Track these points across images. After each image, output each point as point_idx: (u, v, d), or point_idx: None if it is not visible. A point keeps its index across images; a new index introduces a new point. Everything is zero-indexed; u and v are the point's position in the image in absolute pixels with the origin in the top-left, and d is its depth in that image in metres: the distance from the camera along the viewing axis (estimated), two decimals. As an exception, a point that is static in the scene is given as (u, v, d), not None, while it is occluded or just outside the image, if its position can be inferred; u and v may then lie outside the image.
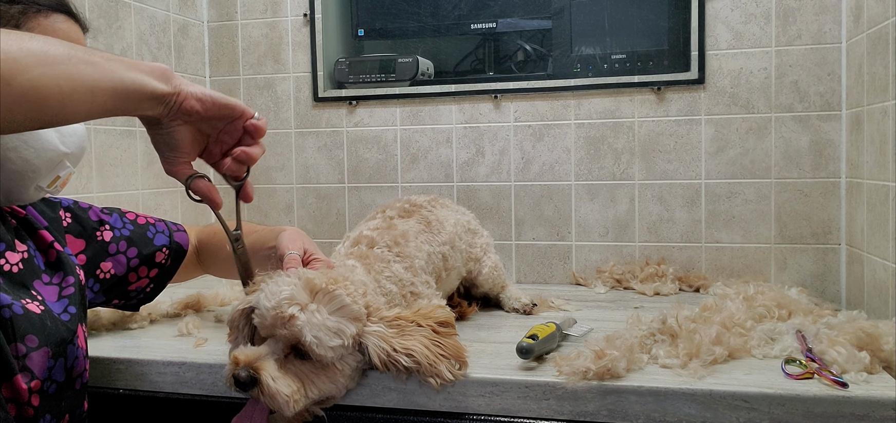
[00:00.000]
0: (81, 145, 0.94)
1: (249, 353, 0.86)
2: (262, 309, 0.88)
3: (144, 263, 1.13)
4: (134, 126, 1.59)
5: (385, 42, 1.87)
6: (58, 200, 1.05)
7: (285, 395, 0.84)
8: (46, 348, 0.84)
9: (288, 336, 0.86)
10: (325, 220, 1.81)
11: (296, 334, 0.85)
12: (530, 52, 1.75)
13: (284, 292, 0.87)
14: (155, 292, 1.19)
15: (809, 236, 1.52)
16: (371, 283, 0.98)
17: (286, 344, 0.87)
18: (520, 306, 1.31)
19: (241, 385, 0.84)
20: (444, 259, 1.17)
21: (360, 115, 1.76)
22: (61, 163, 0.90)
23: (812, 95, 1.50)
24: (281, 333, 0.87)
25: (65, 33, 0.89)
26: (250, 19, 1.82)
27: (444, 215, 1.24)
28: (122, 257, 1.10)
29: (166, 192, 1.70)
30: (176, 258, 1.19)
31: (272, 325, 0.87)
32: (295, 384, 0.86)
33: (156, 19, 1.66)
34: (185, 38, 1.77)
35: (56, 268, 0.94)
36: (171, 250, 1.17)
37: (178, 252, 1.19)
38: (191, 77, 1.80)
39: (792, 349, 0.99)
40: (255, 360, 0.85)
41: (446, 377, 0.89)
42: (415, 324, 0.92)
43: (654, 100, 1.59)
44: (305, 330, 0.85)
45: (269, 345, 0.88)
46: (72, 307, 0.91)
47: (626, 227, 1.62)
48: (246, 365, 0.84)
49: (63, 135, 0.89)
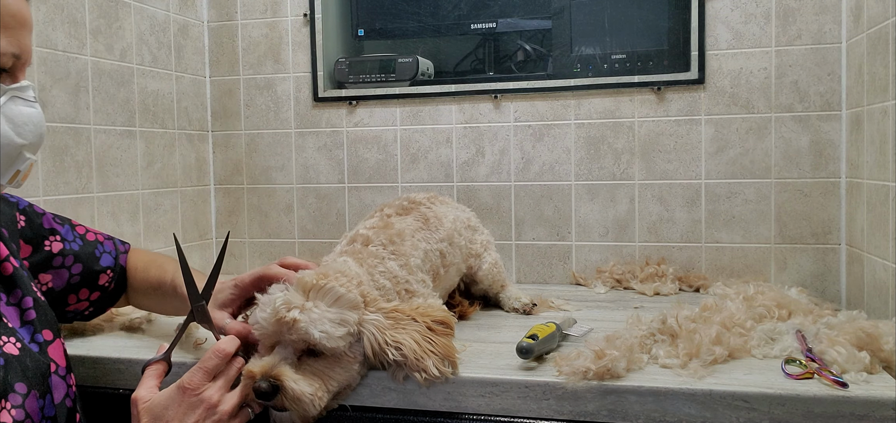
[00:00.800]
0: (39, 133, 0.86)
1: (264, 364, 0.86)
2: (262, 321, 0.88)
3: (86, 283, 1.07)
4: (134, 126, 1.59)
5: (385, 42, 1.87)
6: (15, 200, 1.01)
7: (309, 394, 0.85)
8: (34, 390, 0.81)
9: (296, 340, 0.87)
10: (325, 220, 1.81)
11: (303, 335, 0.86)
12: (530, 52, 1.75)
13: (278, 299, 0.87)
14: (93, 315, 1.12)
15: (809, 236, 1.52)
16: (364, 275, 0.99)
17: (295, 348, 0.87)
18: (520, 306, 1.31)
19: (263, 396, 0.84)
20: (442, 256, 1.18)
21: (360, 115, 1.77)
22: (20, 156, 0.84)
23: (812, 95, 1.50)
24: (288, 338, 0.87)
25: (14, 6, 0.80)
26: (250, 19, 1.82)
27: (442, 212, 1.24)
28: (64, 272, 1.04)
29: (166, 192, 1.70)
30: (120, 283, 1.11)
31: (276, 333, 0.87)
32: (315, 382, 0.86)
33: (156, 19, 1.66)
34: (185, 38, 1.77)
35: (11, 286, 0.88)
36: (115, 272, 1.10)
37: (121, 276, 1.11)
38: (191, 77, 1.80)
39: (792, 349, 0.99)
40: (271, 368, 0.85)
41: (432, 372, 0.89)
42: (411, 319, 0.92)
43: (654, 100, 1.59)
44: (311, 329, 0.85)
45: (279, 352, 0.88)
46: (39, 335, 0.88)
47: (626, 227, 1.62)
48: (265, 375, 0.84)
49: (17, 126, 0.82)
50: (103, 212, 1.49)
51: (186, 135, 1.78)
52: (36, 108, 0.85)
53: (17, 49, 0.81)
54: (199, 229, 1.83)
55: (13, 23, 0.80)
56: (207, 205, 1.87)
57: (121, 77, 1.55)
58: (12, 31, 0.80)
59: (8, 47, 0.79)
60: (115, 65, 1.53)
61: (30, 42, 0.84)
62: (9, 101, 0.81)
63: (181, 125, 1.76)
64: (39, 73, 1.33)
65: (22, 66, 0.83)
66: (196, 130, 1.82)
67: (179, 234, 1.73)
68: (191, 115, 1.80)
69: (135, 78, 1.59)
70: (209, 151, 1.88)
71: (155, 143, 1.66)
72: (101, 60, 1.49)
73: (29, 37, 0.83)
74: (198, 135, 1.83)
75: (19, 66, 0.82)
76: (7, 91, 0.81)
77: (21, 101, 0.83)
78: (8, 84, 0.81)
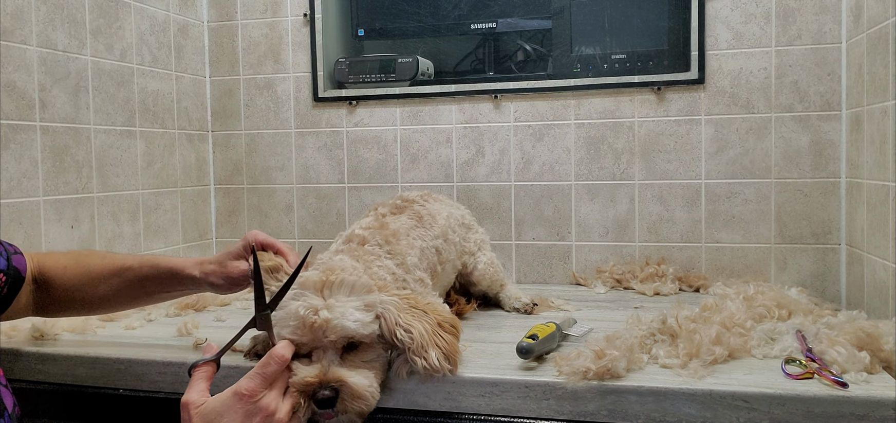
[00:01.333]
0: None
1: (318, 370, 0.85)
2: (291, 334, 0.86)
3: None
4: (134, 126, 1.59)
5: (385, 42, 1.87)
6: None
7: (368, 387, 0.85)
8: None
9: (334, 340, 0.86)
10: (325, 220, 1.81)
11: (339, 332, 0.85)
12: (530, 52, 1.75)
13: (299, 307, 0.86)
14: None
15: (809, 236, 1.52)
16: (361, 267, 0.99)
17: (335, 348, 0.87)
18: (520, 306, 1.31)
19: (325, 403, 0.83)
20: (438, 253, 1.18)
21: (360, 115, 1.76)
22: None
23: (812, 95, 1.50)
24: (326, 341, 0.86)
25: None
26: (250, 19, 1.82)
27: (435, 209, 1.24)
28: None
29: (166, 192, 1.70)
30: (13, 287, 0.98)
31: (310, 341, 0.87)
32: (369, 374, 0.87)
33: (156, 19, 1.66)
34: (185, 38, 1.77)
35: None
36: (8, 276, 0.97)
37: (16, 280, 0.98)
38: (191, 77, 1.80)
39: (792, 349, 0.99)
40: (327, 373, 0.84)
41: (433, 362, 0.89)
42: (423, 311, 0.93)
43: (654, 100, 1.59)
44: (345, 322, 0.85)
45: (323, 357, 0.87)
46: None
47: (626, 227, 1.62)
48: (324, 382, 0.84)
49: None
50: (103, 212, 1.49)
51: (186, 135, 1.78)
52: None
53: None
54: (199, 229, 1.83)
55: None
56: (207, 205, 1.87)
57: (121, 77, 1.55)
58: None
59: None
60: (115, 65, 1.53)
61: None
62: None
63: (181, 125, 1.76)
64: (39, 73, 1.34)
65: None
66: (196, 130, 1.82)
67: (179, 234, 1.73)
68: (191, 115, 1.80)
69: (135, 78, 1.59)
70: (209, 151, 1.88)
71: (155, 143, 1.66)
72: (101, 60, 1.49)
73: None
74: (198, 135, 1.83)
75: None
76: None
77: None
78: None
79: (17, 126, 1.29)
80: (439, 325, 0.93)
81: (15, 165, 1.28)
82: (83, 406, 1.06)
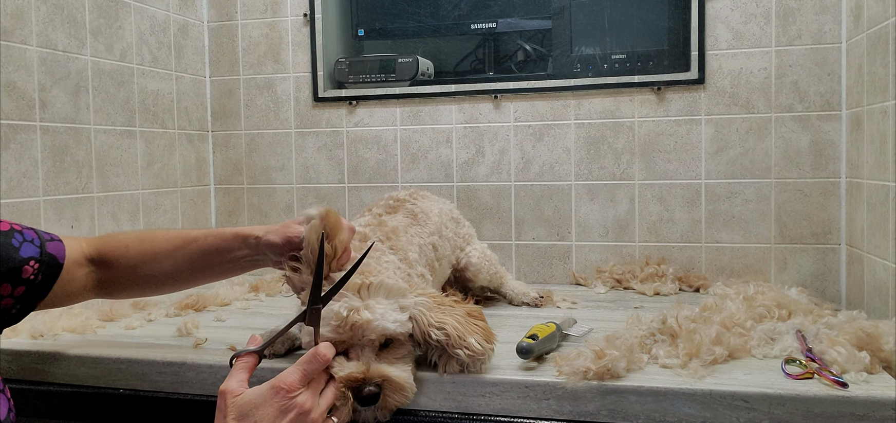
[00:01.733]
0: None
1: (360, 367, 0.86)
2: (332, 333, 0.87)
3: (6, 278, 0.92)
4: (134, 126, 1.59)
5: (385, 42, 1.87)
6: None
7: (408, 380, 0.87)
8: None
9: (372, 339, 0.88)
10: (325, 220, 1.81)
11: (380, 331, 0.87)
12: (530, 52, 1.75)
13: (340, 307, 0.87)
14: (21, 314, 0.96)
15: (809, 236, 1.52)
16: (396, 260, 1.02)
17: (372, 347, 0.88)
18: (530, 301, 1.36)
19: (371, 400, 0.85)
20: (435, 249, 1.21)
21: (360, 115, 1.76)
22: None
23: (812, 95, 1.50)
24: (365, 340, 0.87)
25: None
26: (250, 19, 1.82)
27: (427, 206, 1.27)
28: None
29: (166, 192, 1.70)
30: (49, 274, 0.96)
31: (349, 340, 0.88)
32: (405, 369, 0.89)
33: (156, 19, 1.66)
34: (185, 38, 1.77)
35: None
36: (42, 263, 0.95)
37: (51, 266, 0.96)
38: (191, 77, 1.80)
39: (792, 349, 0.99)
40: (367, 370, 0.86)
41: (475, 347, 0.91)
42: (449, 305, 0.95)
43: (654, 100, 1.59)
44: (385, 323, 0.87)
45: (362, 355, 0.88)
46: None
47: (626, 227, 1.62)
48: (367, 378, 0.85)
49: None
50: (103, 212, 1.49)
51: (186, 135, 1.78)
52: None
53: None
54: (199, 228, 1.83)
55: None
56: (207, 205, 1.87)
57: (121, 77, 1.55)
58: None
59: None
60: (115, 65, 1.53)
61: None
62: None
63: (181, 125, 1.76)
64: (39, 73, 1.34)
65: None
66: (196, 130, 1.82)
67: (179, 234, 1.73)
68: (191, 115, 1.80)
69: (135, 78, 1.59)
70: (209, 151, 1.88)
71: (155, 143, 1.66)
72: (101, 60, 1.49)
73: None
74: (198, 135, 1.83)
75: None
76: None
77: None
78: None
79: (17, 126, 1.29)
80: (468, 314, 0.95)
81: (15, 165, 1.28)
82: (83, 406, 1.06)
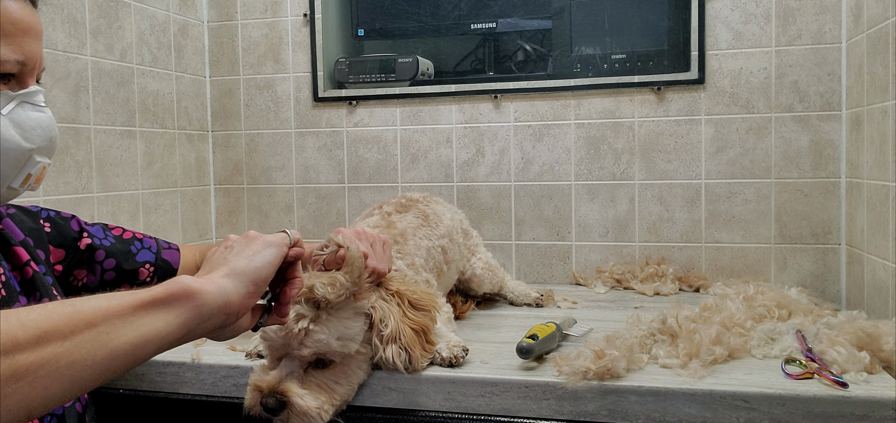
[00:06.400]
0: (49, 137, 0.85)
1: (271, 378, 0.86)
2: (270, 329, 0.87)
3: (125, 279, 1.03)
4: (134, 126, 1.59)
5: (385, 42, 1.87)
6: (38, 210, 1.01)
7: (315, 408, 0.85)
8: None
9: (305, 355, 0.86)
10: (325, 220, 1.81)
11: (312, 348, 0.86)
12: (530, 52, 1.75)
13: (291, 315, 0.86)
14: None
15: (809, 236, 1.52)
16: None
17: (301, 362, 0.87)
18: (531, 301, 1.37)
19: (270, 412, 0.84)
20: (444, 252, 1.19)
21: (360, 115, 1.76)
22: (30, 160, 0.83)
23: (812, 95, 1.50)
24: (297, 354, 0.86)
25: (15, 13, 0.79)
26: (250, 19, 1.82)
27: (440, 210, 1.26)
28: (97, 267, 1.01)
29: (166, 192, 1.70)
30: (163, 278, 1.00)
31: (283, 348, 0.87)
32: (322, 396, 0.86)
33: (156, 19, 1.66)
34: (185, 38, 1.77)
35: (31, 289, 0.87)
36: (156, 267, 1.06)
37: (165, 271, 1.07)
38: (191, 77, 1.80)
39: (792, 349, 0.99)
40: (277, 383, 0.85)
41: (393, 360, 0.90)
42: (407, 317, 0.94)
43: (654, 100, 1.59)
44: (317, 342, 0.85)
45: (286, 366, 0.87)
46: None
47: (626, 227, 1.62)
48: (271, 391, 0.84)
49: (25, 130, 0.82)
50: (103, 212, 1.49)
51: (186, 135, 1.78)
52: (46, 112, 0.84)
53: (20, 56, 0.80)
54: (199, 228, 1.83)
55: (14, 30, 0.79)
56: (207, 205, 1.87)
57: (121, 77, 1.55)
58: (13, 38, 0.79)
59: (10, 54, 0.79)
60: (115, 65, 1.53)
61: (37, 48, 0.82)
62: (16, 106, 0.81)
63: (181, 125, 1.76)
64: (39, 73, 1.34)
65: (30, 72, 0.82)
66: (196, 130, 1.82)
67: (179, 234, 1.73)
68: (191, 115, 1.80)
69: (135, 78, 1.59)
70: (209, 151, 1.88)
71: (155, 143, 1.66)
72: (101, 60, 1.49)
73: (35, 43, 0.82)
74: (198, 135, 1.83)
75: (27, 72, 0.82)
76: (15, 97, 0.81)
77: (29, 105, 0.82)
78: (15, 90, 0.81)
79: (17, 126, 1.29)
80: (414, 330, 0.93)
81: (15, 165, 1.28)
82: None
